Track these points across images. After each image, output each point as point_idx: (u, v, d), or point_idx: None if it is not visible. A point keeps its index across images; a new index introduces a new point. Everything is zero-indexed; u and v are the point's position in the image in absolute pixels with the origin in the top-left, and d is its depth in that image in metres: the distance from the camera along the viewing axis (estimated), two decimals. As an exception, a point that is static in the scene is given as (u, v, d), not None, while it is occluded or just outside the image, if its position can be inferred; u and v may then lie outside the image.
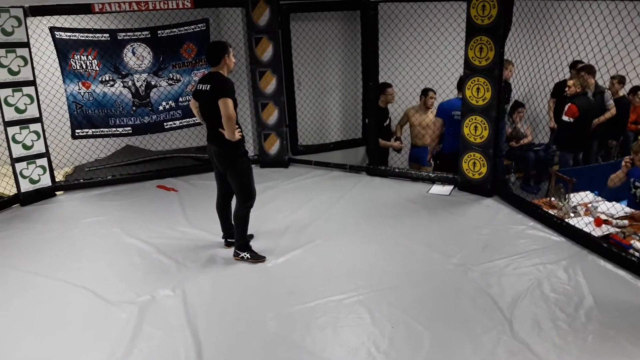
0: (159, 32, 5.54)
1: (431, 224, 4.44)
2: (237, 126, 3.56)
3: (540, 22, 4.67)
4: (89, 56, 5.37)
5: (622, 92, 5.96)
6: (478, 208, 4.71)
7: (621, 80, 5.74)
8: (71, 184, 5.46)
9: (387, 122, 5.85)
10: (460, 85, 5.18)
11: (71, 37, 5.26)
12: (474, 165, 4.90)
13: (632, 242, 3.68)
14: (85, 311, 3.28)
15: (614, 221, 3.98)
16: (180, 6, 5.30)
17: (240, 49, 5.88)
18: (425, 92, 5.73)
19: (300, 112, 6.20)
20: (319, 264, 3.78)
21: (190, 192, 5.29)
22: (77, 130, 5.51)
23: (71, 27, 5.28)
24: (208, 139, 3.73)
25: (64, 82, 5.36)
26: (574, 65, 5.78)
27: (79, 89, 5.42)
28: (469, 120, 4.83)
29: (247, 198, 3.73)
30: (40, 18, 5.16)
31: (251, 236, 4.03)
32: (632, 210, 4.17)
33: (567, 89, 5.56)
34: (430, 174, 5.41)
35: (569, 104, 5.39)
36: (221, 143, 3.59)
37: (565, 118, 5.38)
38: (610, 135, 6.07)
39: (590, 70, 5.44)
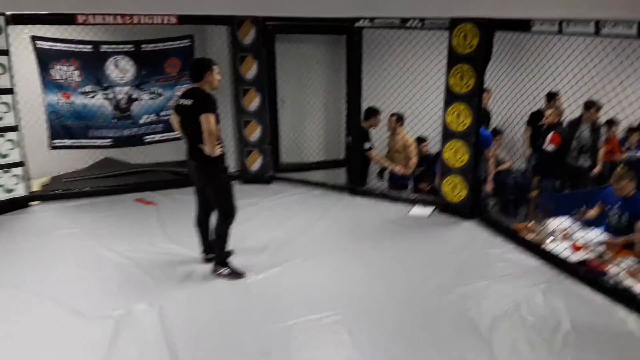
0: (143, 45, 5.53)
1: (411, 245, 4.46)
2: (218, 142, 3.53)
3: (519, 53, 4.83)
4: (71, 67, 5.32)
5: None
6: (457, 231, 4.77)
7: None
8: (47, 195, 5.33)
9: (369, 145, 5.90)
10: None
11: (53, 47, 5.21)
12: (454, 189, 4.97)
13: (608, 267, 3.76)
14: (59, 326, 3.18)
15: (591, 247, 4.07)
16: (165, 21, 5.30)
17: (224, 66, 5.88)
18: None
19: (283, 130, 6.22)
20: (299, 283, 3.75)
21: (169, 206, 5.21)
22: (55, 141, 5.42)
23: (53, 36, 5.22)
24: (188, 154, 3.70)
25: (43, 91, 5.27)
26: (550, 96, 5.96)
27: (59, 99, 5.34)
28: (449, 145, 4.92)
29: (228, 214, 3.69)
30: (22, 27, 5.09)
31: (231, 252, 3.98)
32: (609, 236, 4.27)
33: (544, 119, 5.70)
34: (411, 196, 5.46)
35: (553, 132, 5.51)
36: (201, 158, 3.56)
37: (549, 146, 5.49)
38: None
39: (596, 106, 5.55)
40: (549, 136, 5.48)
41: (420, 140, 5.94)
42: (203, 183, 3.70)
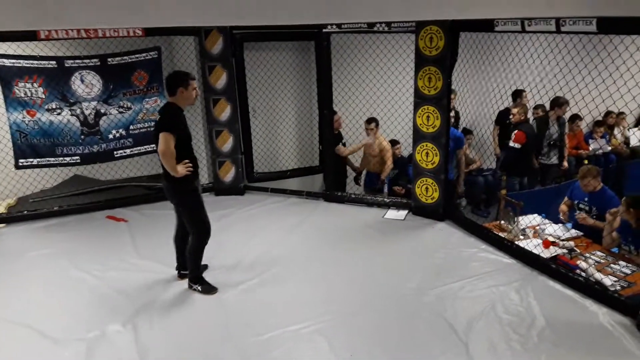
0: (109, 59, 5.44)
1: (387, 248, 4.48)
2: (186, 161, 3.47)
3: (484, 54, 4.90)
4: (34, 84, 5.20)
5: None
6: (432, 232, 4.80)
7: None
8: (14, 216, 5.18)
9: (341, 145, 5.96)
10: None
11: (15, 64, 5.08)
12: (427, 190, 5.01)
13: (578, 262, 3.84)
14: (30, 351, 3.10)
15: (561, 242, 4.14)
16: (131, 34, 5.23)
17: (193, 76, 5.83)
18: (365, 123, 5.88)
19: (256, 139, 6.20)
20: (276, 294, 3.73)
21: (141, 222, 5.13)
22: (20, 160, 5.29)
23: (15, 54, 5.11)
24: (162, 171, 3.63)
25: (7, 110, 5.15)
26: (516, 94, 6.06)
27: (24, 118, 5.21)
28: (421, 147, 4.95)
29: (201, 233, 3.65)
30: (-18, 45, 4.97)
31: (205, 267, 3.94)
32: (577, 231, 4.36)
33: (511, 116, 5.80)
34: (385, 199, 5.49)
35: (516, 130, 5.60)
36: (169, 178, 3.50)
37: (513, 144, 5.58)
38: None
39: (562, 101, 5.65)
40: (514, 134, 5.58)
41: (392, 143, 6.00)
42: (173, 203, 3.65)
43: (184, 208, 3.61)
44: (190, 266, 3.73)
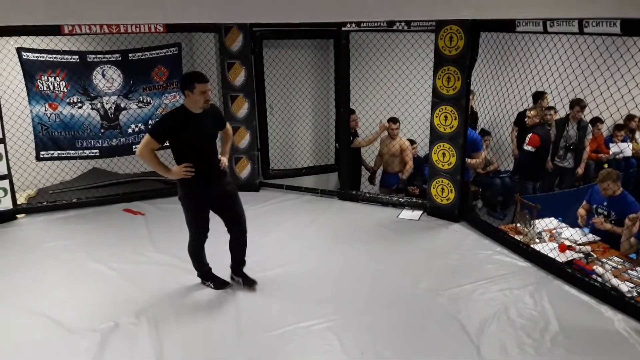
0: (130, 55, 5.50)
1: (401, 248, 4.46)
2: (187, 164, 3.35)
3: (504, 54, 4.83)
4: (57, 77, 5.29)
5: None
6: (446, 233, 4.77)
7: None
8: (34, 207, 5.30)
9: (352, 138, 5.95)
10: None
11: (39, 58, 5.18)
12: (442, 191, 4.98)
13: (594, 267, 3.78)
14: (43, 340, 3.16)
15: (577, 247, 4.08)
16: (152, 30, 5.29)
17: (212, 73, 5.88)
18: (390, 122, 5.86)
19: (272, 136, 6.22)
20: (288, 290, 3.74)
21: (158, 216, 5.19)
22: (41, 152, 5.39)
23: (39, 48, 5.21)
24: None
25: (29, 103, 5.25)
26: (537, 96, 5.98)
27: (45, 110, 5.31)
28: (437, 147, 4.92)
29: (195, 235, 3.62)
30: (7, 38, 5.07)
31: (209, 268, 3.85)
32: (595, 236, 4.29)
33: (526, 119, 5.73)
34: (400, 199, 5.47)
35: (531, 134, 5.53)
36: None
37: (527, 147, 5.52)
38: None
39: (581, 104, 5.58)
40: (528, 137, 5.52)
41: (409, 142, 5.97)
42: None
43: (183, 209, 3.57)
44: (193, 265, 3.75)
